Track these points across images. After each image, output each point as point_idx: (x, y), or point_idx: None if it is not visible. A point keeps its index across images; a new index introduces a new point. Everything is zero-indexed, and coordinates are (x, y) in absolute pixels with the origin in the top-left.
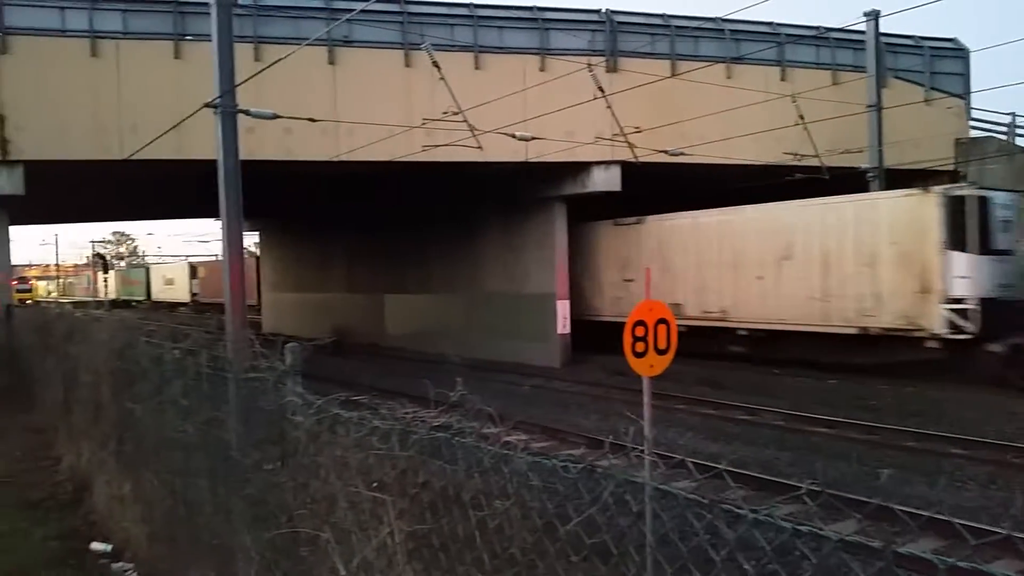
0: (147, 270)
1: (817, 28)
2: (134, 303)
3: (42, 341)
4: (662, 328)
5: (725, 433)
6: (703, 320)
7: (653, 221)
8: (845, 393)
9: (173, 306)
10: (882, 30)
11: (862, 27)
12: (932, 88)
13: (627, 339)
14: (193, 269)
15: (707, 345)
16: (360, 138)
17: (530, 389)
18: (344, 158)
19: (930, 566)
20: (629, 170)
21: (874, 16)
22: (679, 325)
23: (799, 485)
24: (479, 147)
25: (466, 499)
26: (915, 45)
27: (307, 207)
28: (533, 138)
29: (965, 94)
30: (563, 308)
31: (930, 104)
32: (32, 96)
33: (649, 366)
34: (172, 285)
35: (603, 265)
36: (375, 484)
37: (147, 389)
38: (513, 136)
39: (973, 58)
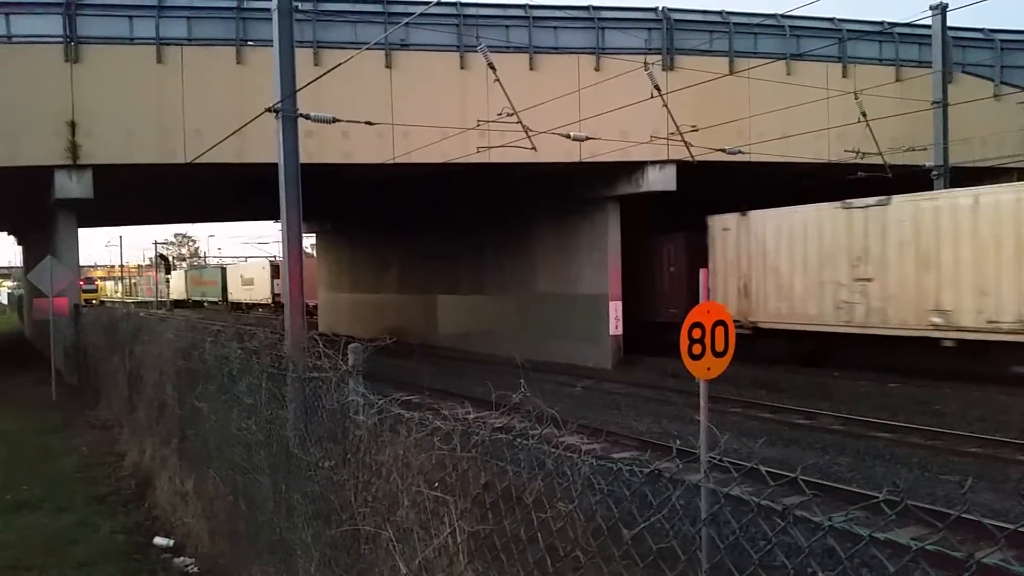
0: (223, 270)
1: (881, 23)
2: (207, 303)
3: (108, 340)
4: (720, 330)
5: (782, 437)
6: (987, 332)
7: (904, 202)
8: (907, 397)
9: (250, 307)
10: (949, 24)
11: (927, 21)
12: (1002, 82)
13: (684, 341)
14: (275, 269)
15: (978, 365)
16: (415, 140)
17: (582, 390)
18: (400, 160)
19: None
20: (684, 169)
21: (941, 9)
22: (947, 339)
23: (862, 492)
24: (533, 148)
25: (528, 501)
26: (984, 38)
27: (363, 209)
28: (588, 138)
29: None
30: (615, 309)
31: (1000, 99)
32: (101, 102)
33: (706, 369)
34: (251, 285)
35: (813, 259)
36: (437, 484)
37: (211, 388)
38: (567, 136)
39: None
